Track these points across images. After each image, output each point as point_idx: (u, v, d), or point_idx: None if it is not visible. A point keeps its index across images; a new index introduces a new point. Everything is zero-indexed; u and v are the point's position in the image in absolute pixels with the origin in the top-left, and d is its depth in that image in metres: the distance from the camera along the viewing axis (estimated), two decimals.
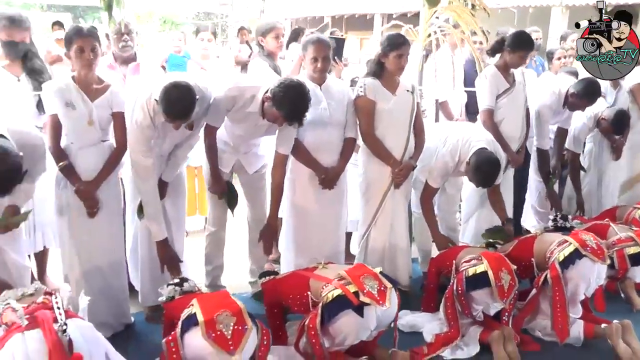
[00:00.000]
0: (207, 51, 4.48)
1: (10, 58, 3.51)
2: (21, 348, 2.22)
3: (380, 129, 3.66)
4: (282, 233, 3.84)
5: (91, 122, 3.13)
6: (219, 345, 2.59)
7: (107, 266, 3.27)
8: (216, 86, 3.33)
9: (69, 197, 3.17)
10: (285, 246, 3.74)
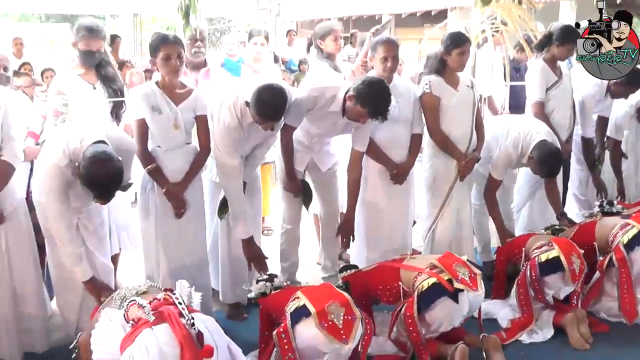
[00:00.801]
0: (260, 55, 4.56)
1: (86, 67, 3.57)
2: (153, 342, 2.29)
3: (445, 124, 3.78)
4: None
5: (177, 125, 3.21)
6: (331, 335, 2.70)
7: (192, 265, 3.36)
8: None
9: (156, 198, 3.26)
10: (356, 241, 3.83)
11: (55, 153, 2.82)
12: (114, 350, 2.40)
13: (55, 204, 2.84)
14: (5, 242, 3.01)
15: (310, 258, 4.23)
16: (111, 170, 2.70)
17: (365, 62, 3.99)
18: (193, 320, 2.39)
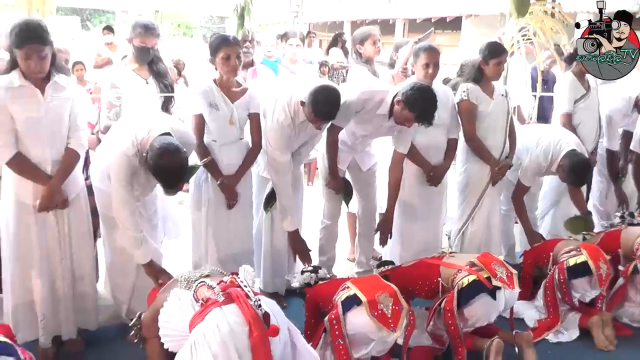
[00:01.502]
0: (296, 55, 4.73)
1: (140, 62, 3.72)
2: (224, 320, 2.43)
3: (480, 131, 3.94)
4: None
5: (232, 121, 3.38)
6: (381, 323, 2.87)
7: (240, 254, 3.52)
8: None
9: (209, 190, 3.42)
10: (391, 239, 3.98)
11: (124, 143, 2.97)
12: (181, 327, 2.55)
13: (122, 191, 2.99)
14: (68, 225, 3.14)
15: (341, 254, 4.38)
16: (179, 162, 2.86)
17: (405, 68, 4.16)
18: (260, 301, 2.55)
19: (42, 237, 3.07)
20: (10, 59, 2.99)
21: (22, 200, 3.03)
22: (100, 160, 3.26)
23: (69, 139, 3.07)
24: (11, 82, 2.93)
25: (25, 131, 2.96)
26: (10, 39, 2.89)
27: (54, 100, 2.99)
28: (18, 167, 2.98)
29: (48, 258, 3.10)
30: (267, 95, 3.51)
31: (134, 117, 3.24)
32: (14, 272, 3.12)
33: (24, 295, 3.13)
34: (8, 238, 3.09)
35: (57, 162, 3.03)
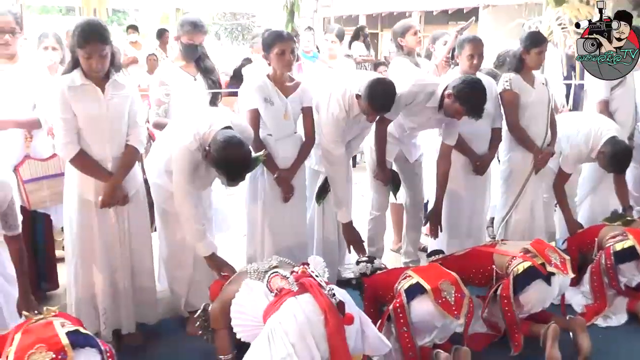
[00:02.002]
0: (333, 51, 4.78)
1: (187, 59, 3.78)
2: (300, 309, 2.49)
3: (523, 120, 3.98)
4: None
5: (287, 115, 3.44)
6: (445, 310, 2.92)
7: (295, 246, 3.57)
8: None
9: (265, 183, 3.47)
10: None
11: (186, 137, 3.02)
12: (255, 317, 2.61)
13: (185, 184, 3.05)
14: (128, 221, 3.20)
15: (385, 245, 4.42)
16: (243, 154, 2.92)
17: (448, 58, 4.20)
18: (333, 290, 2.60)
19: (104, 232, 3.14)
20: (72, 58, 3.06)
21: (84, 197, 3.10)
22: (157, 156, 3.31)
23: (128, 136, 3.13)
24: (73, 81, 2.99)
25: (87, 129, 3.03)
26: (73, 39, 2.97)
27: (114, 98, 3.05)
28: (81, 164, 3.05)
29: (109, 253, 3.16)
30: (319, 89, 3.56)
31: (193, 112, 3.29)
32: (77, 268, 3.18)
33: (86, 289, 3.20)
34: (71, 234, 3.16)
35: (117, 159, 3.10)
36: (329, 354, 2.50)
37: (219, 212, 3.88)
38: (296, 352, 2.41)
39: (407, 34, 4.32)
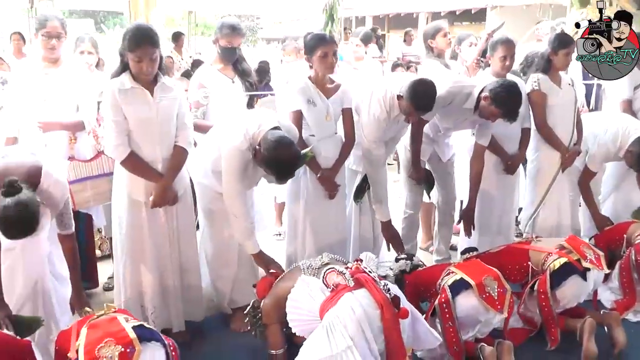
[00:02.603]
0: (358, 53, 4.86)
1: (225, 62, 3.86)
2: (357, 304, 2.58)
3: (550, 119, 4.07)
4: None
5: (328, 116, 3.52)
6: (489, 305, 3.02)
7: (336, 244, 3.65)
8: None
9: (308, 182, 3.56)
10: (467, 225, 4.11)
11: (236, 138, 3.10)
12: (311, 312, 2.69)
13: (235, 183, 3.14)
14: (176, 221, 3.29)
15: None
16: (293, 153, 3.01)
17: (479, 59, 4.29)
18: (388, 285, 2.70)
19: (153, 232, 3.22)
20: (121, 62, 3.13)
21: (134, 198, 3.18)
22: (203, 157, 3.38)
23: (177, 137, 3.21)
24: (123, 84, 3.07)
25: (137, 131, 3.11)
26: (124, 42, 3.04)
27: (162, 100, 3.13)
28: (132, 166, 3.12)
29: (159, 252, 3.25)
30: (359, 91, 3.64)
31: (241, 113, 3.38)
32: (126, 267, 3.27)
33: (135, 288, 3.28)
34: (121, 234, 3.24)
35: (166, 160, 3.17)
36: (385, 346, 2.60)
37: (256, 211, 3.96)
38: (355, 345, 2.50)
39: (438, 35, 4.41)
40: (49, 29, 3.54)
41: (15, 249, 2.97)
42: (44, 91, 3.60)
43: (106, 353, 2.29)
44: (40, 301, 3.07)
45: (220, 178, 3.25)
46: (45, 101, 3.59)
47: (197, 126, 3.77)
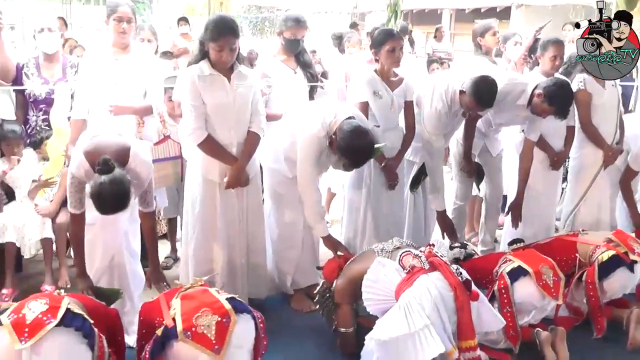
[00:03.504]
0: None
1: (288, 53, 4.02)
2: (433, 285, 2.75)
3: (595, 119, 4.22)
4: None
5: (393, 108, 3.68)
6: (545, 292, 3.19)
7: (394, 231, 3.79)
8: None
9: (371, 172, 3.72)
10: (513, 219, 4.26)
11: (313, 126, 3.26)
12: (386, 292, 2.86)
13: (311, 169, 3.30)
14: (247, 201, 3.45)
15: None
16: (369, 142, 3.17)
17: (526, 56, 4.45)
18: (460, 269, 2.87)
19: (225, 212, 3.37)
20: (200, 50, 3.27)
21: (209, 179, 3.33)
22: (274, 143, 3.53)
23: (251, 123, 3.36)
24: (202, 71, 3.22)
25: (214, 116, 3.25)
26: (206, 32, 3.17)
27: (239, 87, 3.28)
28: (208, 148, 3.27)
29: (229, 231, 3.40)
30: (421, 85, 3.80)
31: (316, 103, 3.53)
32: (196, 245, 3.42)
33: (204, 265, 3.42)
34: (194, 213, 3.39)
35: (240, 144, 3.33)
36: (456, 327, 2.77)
37: None
38: (432, 324, 2.67)
39: (487, 34, 4.57)
40: (121, 14, 3.70)
41: (96, 225, 3.15)
42: (114, 76, 3.75)
43: (203, 322, 2.43)
44: (116, 275, 3.26)
45: (291, 164, 3.42)
46: (116, 86, 3.74)
47: None
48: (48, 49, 4.03)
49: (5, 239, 3.70)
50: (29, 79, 4.02)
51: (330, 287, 3.25)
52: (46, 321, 2.30)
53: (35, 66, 4.06)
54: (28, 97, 4.03)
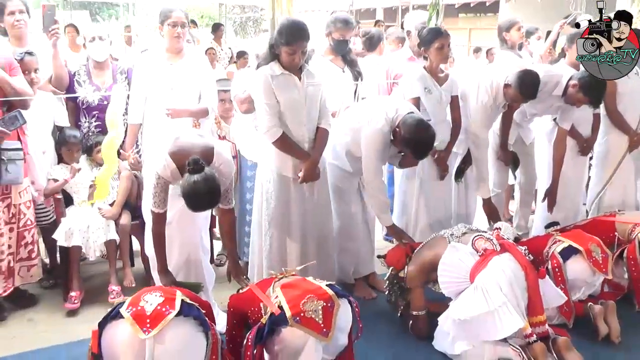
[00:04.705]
0: None
1: (337, 53, 4.21)
2: (506, 265, 2.99)
3: (620, 106, 4.48)
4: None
5: (442, 103, 3.90)
6: (596, 268, 3.43)
7: (444, 219, 4.06)
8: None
9: (424, 163, 3.91)
10: (544, 203, 4.52)
11: (378, 121, 3.47)
12: (460, 273, 3.08)
13: (377, 162, 3.51)
14: (317, 194, 3.61)
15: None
16: (432, 135, 3.40)
17: (551, 49, 4.70)
18: (527, 249, 3.09)
19: (299, 205, 3.54)
20: (271, 52, 3.43)
21: (283, 174, 3.50)
22: (332, 139, 3.70)
23: (320, 120, 3.53)
24: (274, 71, 3.39)
25: (287, 113, 3.41)
26: (280, 36, 3.34)
27: (309, 86, 3.45)
28: (283, 145, 3.43)
29: (303, 223, 3.56)
30: (465, 80, 4.03)
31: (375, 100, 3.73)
32: (273, 238, 3.56)
33: (280, 257, 3.57)
34: (268, 208, 3.53)
35: (312, 140, 3.50)
36: (527, 304, 3.00)
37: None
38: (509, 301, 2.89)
39: (512, 29, 4.83)
40: (175, 19, 3.84)
41: (172, 223, 3.29)
42: (170, 81, 3.89)
43: (310, 307, 2.59)
44: (193, 270, 3.42)
45: (352, 159, 3.62)
46: (172, 90, 3.88)
47: None
48: (99, 56, 4.14)
49: (72, 242, 3.78)
50: (81, 87, 4.11)
51: (397, 274, 3.45)
52: (165, 312, 2.44)
53: (86, 73, 4.15)
54: (81, 104, 4.11)
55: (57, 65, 4.00)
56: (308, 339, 2.55)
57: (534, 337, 2.97)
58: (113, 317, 2.49)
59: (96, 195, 3.94)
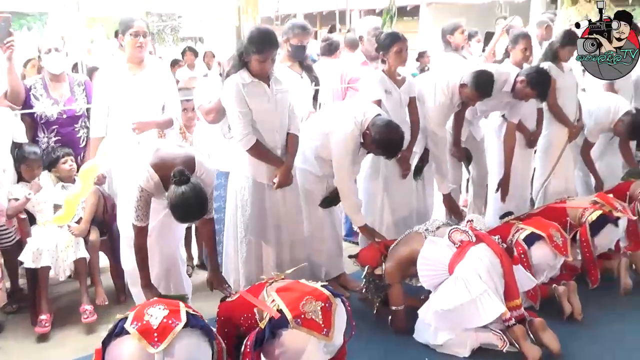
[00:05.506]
0: None
1: (293, 60, 4.29)
2: (484, 254, 3.16)
3: (560, 100, 4.79)
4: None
5: (401, 104, 4.05)
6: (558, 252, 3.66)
7: (408, 216, 4.22)
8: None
9: (387, 162, 4.04)
10: (495, 195, 4.78)
11: (347, 125, 3.57)
12: (439, 266, 3.23)
13: (348, 164, 3.62)
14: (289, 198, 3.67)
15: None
16: (401, 134, 3.55)
17: (495, 51, 4.97)
18: (500, 239, 3.28)
19: (273, 210, 3.60)
20: (239, 60, 3.46)
21: (258, 181, 3.54)
22: (303, 145, 3.77)
23: (289, 126, 3.60)
24: (244, 79, 3.43)
25: (259, 121, 3.46)
26: (249, 45, 3.38)
27: (278, 93, 3.52)
28: (257, 152, 3.48)
29: (277, 228, 3.62)
30: (422, 82, 4.20)
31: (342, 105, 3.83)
32: (250, 245, 3.59)
33: (257, 264, 3.62)
34: (244, 215, 3.56)
35: (284, 147, 3.56)
36: (504, 288, 3.19)
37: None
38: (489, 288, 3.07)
39: (456, 32, 5.08)
40: (137, 29, 3.83)
41: (152, 235, 3.27)
42: (132, 92, 3.87)
43: (309, 308, 2.63)
44: (172, 281, 3.43)
45: (321, 163, 3.72)
46: (135, 102, 3.85)
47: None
48: (55, 69, 4.02)
49: (41, 263, 3.64)
50: (38, 101, 3.98)
51: (373, 272, 3.57)
52: (172, 324, 2.43)
53: (43, 87, 4.02)
54: (39, 118, 3.98)
55: (12, 79, 3.86)
56: (309, 340, 2.59)
57: (513, 321, 3.15)
58: (117, 334, 2.47)
59: (61, 218, 3.83)
